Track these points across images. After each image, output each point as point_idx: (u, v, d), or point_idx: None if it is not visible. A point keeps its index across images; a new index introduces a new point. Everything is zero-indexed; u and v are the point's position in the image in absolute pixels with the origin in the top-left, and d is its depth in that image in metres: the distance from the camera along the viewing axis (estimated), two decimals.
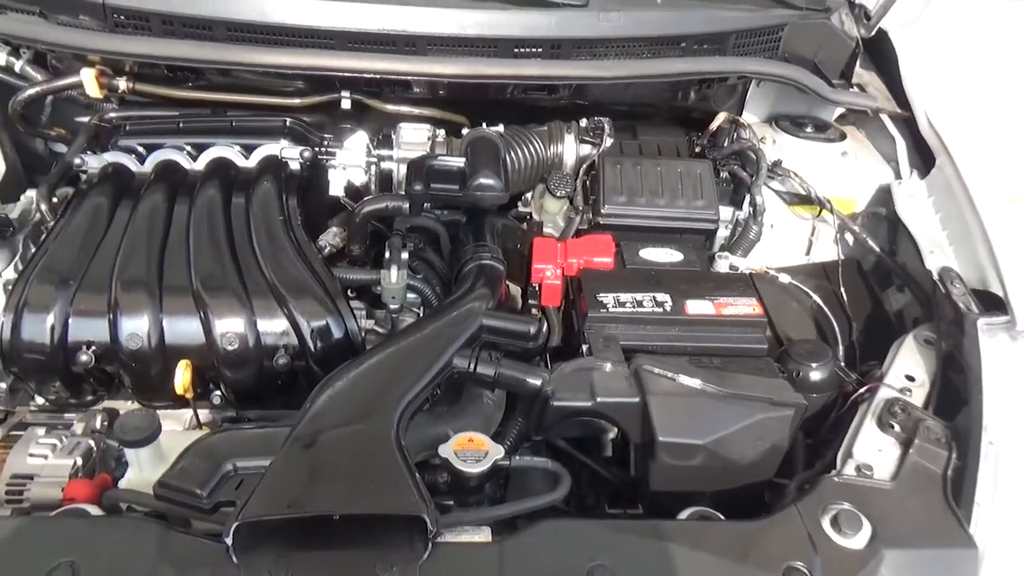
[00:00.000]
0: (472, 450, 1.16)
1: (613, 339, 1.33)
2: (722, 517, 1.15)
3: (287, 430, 1.12)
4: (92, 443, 1.39)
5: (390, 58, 1.49)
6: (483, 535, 1.09)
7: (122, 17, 1.49)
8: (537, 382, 1.23)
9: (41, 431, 1.39)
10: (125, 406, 1.52)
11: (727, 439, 1.18)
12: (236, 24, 1.49)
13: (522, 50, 1.56)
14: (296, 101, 1.62)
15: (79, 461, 1.34)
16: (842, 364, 1.46)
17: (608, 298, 1.43)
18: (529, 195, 1.79)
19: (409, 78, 1.52)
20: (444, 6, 1.54)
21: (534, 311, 1.58)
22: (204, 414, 1.46)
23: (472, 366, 1.23)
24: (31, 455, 1.33)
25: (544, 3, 1.60)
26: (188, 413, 1.45)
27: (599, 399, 1.21)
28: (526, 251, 1.62)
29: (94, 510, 1.10)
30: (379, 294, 1.45)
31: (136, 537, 0.99)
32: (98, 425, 1.47)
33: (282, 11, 1.50)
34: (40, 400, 1.46)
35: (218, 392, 1.43)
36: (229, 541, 0.96)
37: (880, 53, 1.93)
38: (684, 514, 1.15)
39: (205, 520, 1.07)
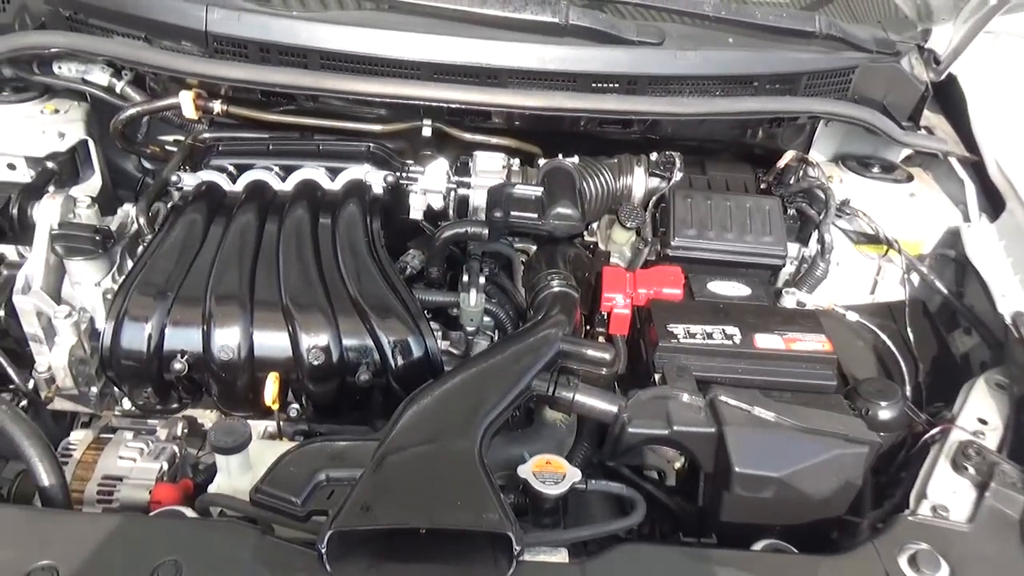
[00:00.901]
0: (550, 472, 1.18)
1: (686, 369, 1.35)
2: (795, 550, 1.16)
3: (374, 444, 1.16)
4: (176, 449, 1.45)
5: (474, 89, 1.55)
6: (560, 556, 1.11)
7: (222, 44, 1.57)
8: (614, 408, 1.26)
9: (129, 435, 1.46)
10: (204, 415, 1.58)
11: (802, 473, 1.20)
12: (329, 53, 1.56)
13: (600, 85, 1.62)
14: (379, 127, 1.68)
15: (165, 465, 1.40)
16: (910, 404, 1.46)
17: (678, 329, 1.46)
18: (595, 225, 1.83)
19: (491, 109, 1.57)
20: (526, 41, 1.61)
21: (601, 339, 1.61)
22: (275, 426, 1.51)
23: (551, 390, 1.27)
24: (121, 457, 1.40)
25: (621, 40, 1.65)
26: (263, 424, 1.50)
27: (675, 428, 1.23)
28: (593, 280, 1.65)
29: (189, 512, 1.15)
30: (455, 316, 1.50)
31: (234, 540, 1.04)
32: (179, 432, 1.53)
33: (373, 43, 1.56)
34: (127, 405, 1.53)
35: (296, 405, 1.47)
36: (323, 549, 1.00)
37: (948, 97, 1.96)
38: (758, 546, 1.16)
39: (294, 528, 1.10)
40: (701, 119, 1.64)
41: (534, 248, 1.71)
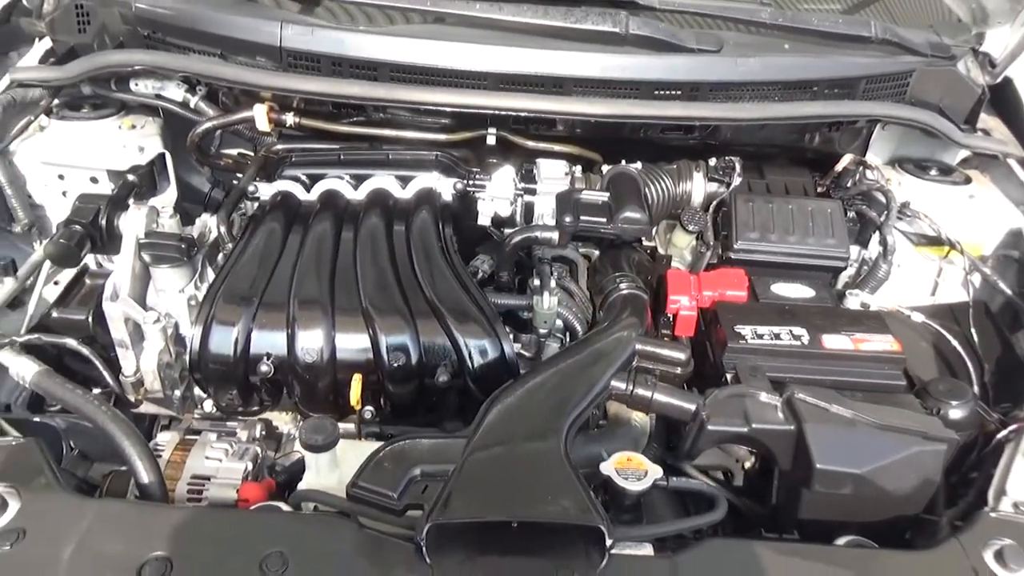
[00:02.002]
0: (632, 469, 1.21)
1: (759, 369, 1.37)
2: (876, 547, 1.18)
3: (462, 441, 1.19)
4: (258, 449, 1.49)
5: (544, 98, 1.59)
6: (645, 551, 1.13)
7: (295, 59, 1.63)
8: (692, 406, 1.28)
9: (213, 436, 1.50)
10: (279, 417, 1.63)
11: (882, 470, 1.21)
12: (399, 66, 1.61)
13: (662, 92, 1.65)
14: (445, 137, 1.73)
15: (249, 465, 1.44)
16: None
17: (746, 330, 1.48)
18: (654, 229, 1.85)
19: (559, 116, 1.61)
20: (589, 51, 1.65)
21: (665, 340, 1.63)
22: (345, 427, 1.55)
23: (630, 388, 1.29)
24: (207, 458, 1.45)
25: (680, 49, 1.69)
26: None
27: (754, 425, 1.25)
28: (655, 283, 1.68)
29: (285, 508, 1.18)
30: (527, 319, 1.53)
31: (334, 533, 1.07)
32: (258, 434, 1.58)
33: (441, 55, 1.61)
34: (207, 408, 1.57)
35: (370, 407, 1.51)
36: (422, 541, 1.03)
37: (1004, 100, 1.96)
38: (840, 542, 1.18)
39: (387, 522, 1.14)
40: (763, 124, 1.67)
41: (596, 253, 1.74)
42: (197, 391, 1.58)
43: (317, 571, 1.02)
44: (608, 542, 1.03)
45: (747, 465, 1.48)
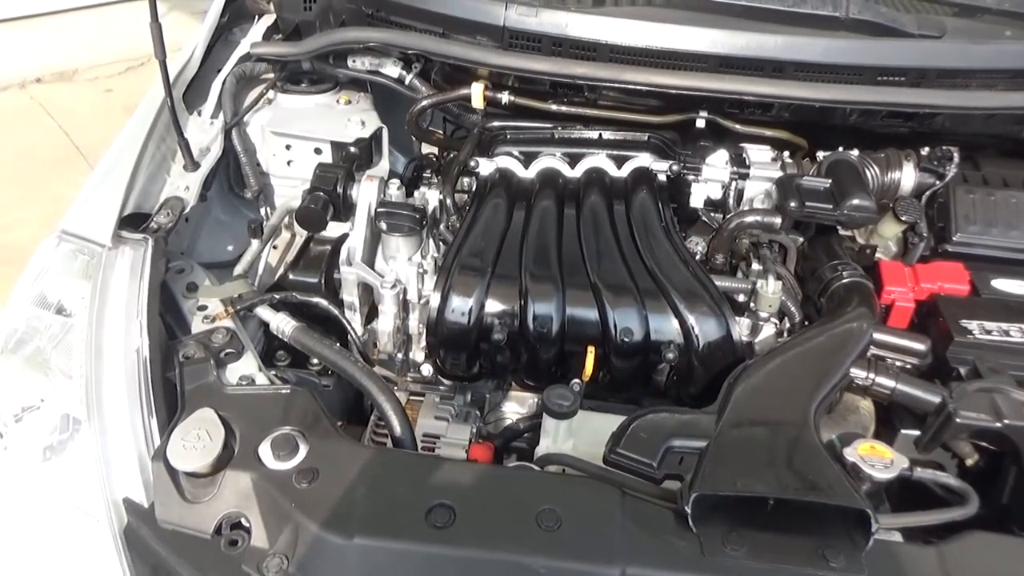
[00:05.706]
0: (877, 457, 1.21)
1: (1002, 367, 1.34)
2: None
3: (708, 417, 1.22)
4: (478, 412, 1.57)
5: (767, 82, 1.58)
6: (895, 538, 1.14)
7: (516, 38, 1.67)
8: (937, 399, 1.28)
9: (436, 398, 1.59)
10: (484, 386, 1.70)
11: None
12: (620, 48, 1.63)
13: (886, 78, 1.62)
14: (656, 118, 1.75)
15: (474, 428, 1.52)
16: None
17: (972, 325, 1.45)
18: None
19: (782, 101, 1.60)
20: (809, 35, 1.63)
21: None
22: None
23: (871, 377, 1.29)
24: (436, 417, 1.53)
25: (900, 34, 1.65)
26: None
27: (1007, 421, 1.23)
28: None
29: (535, 468, 1.25)
30: (743, 303, 1.54)
31: (602, 496, 1.11)
32: (467, 399, 1.66)
33: (662, 37, 1.62)
34: (424, 372, 1.65)
35: (577, 380, 1.56)
36: (688, 510, 1.07)
37: None
38: None
39: (641, 490, 1.18)
40: (992, 113, 1.61)
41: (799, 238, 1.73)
42: (412, 355, 1.67)
43: (590, 530, 1.07)
44: (874, 527, 1.05)
45: (969, 462, 1.45)
